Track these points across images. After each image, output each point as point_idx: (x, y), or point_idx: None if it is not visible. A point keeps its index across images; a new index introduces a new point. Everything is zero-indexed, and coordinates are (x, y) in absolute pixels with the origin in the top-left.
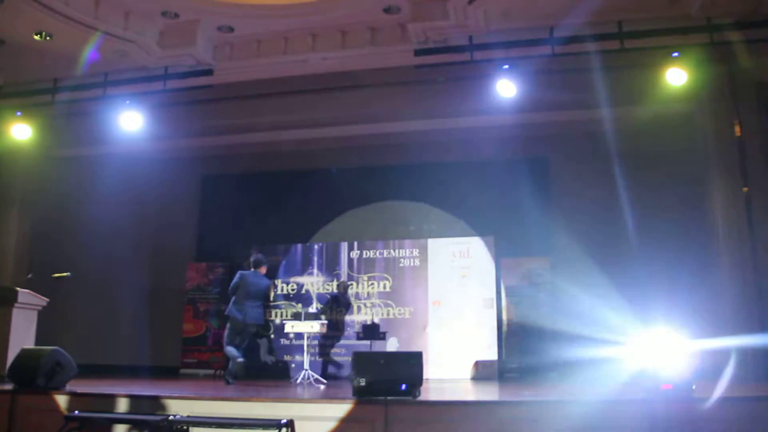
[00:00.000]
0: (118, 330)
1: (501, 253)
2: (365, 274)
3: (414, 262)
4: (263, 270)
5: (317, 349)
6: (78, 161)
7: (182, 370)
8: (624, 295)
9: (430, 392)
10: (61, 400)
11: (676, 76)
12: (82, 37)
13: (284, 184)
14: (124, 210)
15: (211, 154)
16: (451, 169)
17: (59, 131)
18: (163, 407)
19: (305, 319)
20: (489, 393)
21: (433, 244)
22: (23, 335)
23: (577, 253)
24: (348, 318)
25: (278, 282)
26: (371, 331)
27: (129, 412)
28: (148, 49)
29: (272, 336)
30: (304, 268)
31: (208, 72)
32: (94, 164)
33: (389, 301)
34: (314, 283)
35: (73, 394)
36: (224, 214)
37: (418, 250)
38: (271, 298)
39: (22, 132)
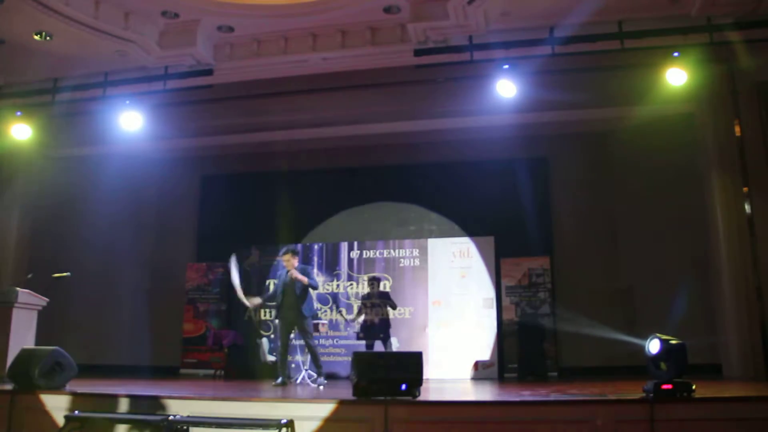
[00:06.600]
0: (118, 330)
1: (501, 253)
2: (365, 274)
3: (414, 262)
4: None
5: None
6: (78, 161)
7: (182, 370)
8: (623, 295)
9: (430, 392)
10: (61, 400)
11: (676, 76)
12: (82, 37)
13: (284, 184)
14: (123, 210)
15: (211, 154)
16: (451, 169)
17: (59, 131)
18: (163, 407)
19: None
20: (489, 393)
21: (433, 244)
22: (23, 335)
23: (577, 253)
24: (348, 317)
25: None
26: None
27: (129, 412)
28: (148, 49)
29: (272, 336)
30: None
31: (208, 72)
32: (94, 164)
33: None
34: None
35: (73, 394)
36: (224, 214)
37: (418, 250)
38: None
39: (22, 132)
